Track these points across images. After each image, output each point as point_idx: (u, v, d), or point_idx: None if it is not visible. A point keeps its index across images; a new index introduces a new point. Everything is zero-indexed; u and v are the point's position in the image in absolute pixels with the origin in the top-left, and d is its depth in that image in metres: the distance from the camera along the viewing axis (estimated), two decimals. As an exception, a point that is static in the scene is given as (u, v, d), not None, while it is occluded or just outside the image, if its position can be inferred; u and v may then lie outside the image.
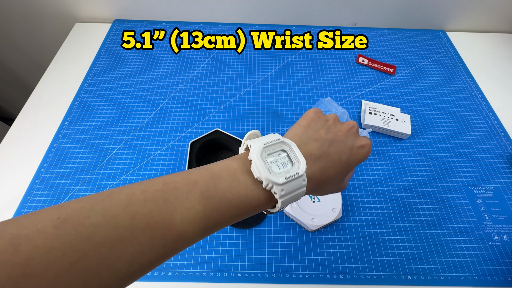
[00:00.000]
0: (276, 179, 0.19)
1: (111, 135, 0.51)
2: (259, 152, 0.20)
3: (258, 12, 0.70)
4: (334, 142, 0.23)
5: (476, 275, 0.39)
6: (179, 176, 0.18)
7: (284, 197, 0.20)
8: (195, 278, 0.38)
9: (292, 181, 0.20)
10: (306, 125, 0.24)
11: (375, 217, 0.43)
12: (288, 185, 0.20)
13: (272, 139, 0.21)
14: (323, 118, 0.25)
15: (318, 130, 0.24)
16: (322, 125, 0.24)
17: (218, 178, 0.19)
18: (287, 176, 0.19)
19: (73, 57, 0.63)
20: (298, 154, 0.21)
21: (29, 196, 0.44)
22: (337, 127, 0.25)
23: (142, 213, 0.15)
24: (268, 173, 0.19)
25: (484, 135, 0.53)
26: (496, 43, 0.70)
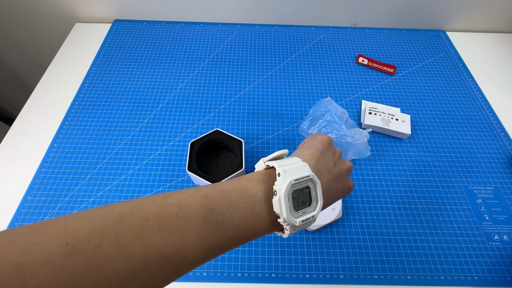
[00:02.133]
0: (294, 221, 0.19)
1: (111, 135, 0.51)
2: (288, 189, 0.19)
3: (258, 12, 0.70)
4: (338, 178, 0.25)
5: (476, 275, 0.39)
6: (195, 199, 0.18)
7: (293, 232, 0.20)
8: (195, 278, 0.38)
9: (305, 223, 0.20)
10: (321, 150, 0.24)
11: (375, 217, 0.43)
12: (301, 226, 0.20)
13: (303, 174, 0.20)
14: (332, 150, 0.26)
15: (329, 161, 0.24)
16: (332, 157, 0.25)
17: (235, 206, 0.18)
18: (304, 219, 0.20)
19: (73, 57, 0.63)
20: (319, 195, 0.21)
21: (29, 196, 0.44)
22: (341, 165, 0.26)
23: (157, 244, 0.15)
24: (289, 212, 0.19)
25: (484, 135, 0.53)
26: (496, 43, 0.70)
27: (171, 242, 0.15)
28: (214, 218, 0.17)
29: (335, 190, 0.24)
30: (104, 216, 0.15)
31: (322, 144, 0.25)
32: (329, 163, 0.24)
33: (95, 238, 0.13)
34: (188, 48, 0.66)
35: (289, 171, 0.20)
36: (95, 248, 0.13)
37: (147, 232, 0.15)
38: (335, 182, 0.24)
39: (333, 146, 0.27)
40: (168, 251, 0.15)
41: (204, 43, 0.67)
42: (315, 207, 0.21)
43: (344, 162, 0.27)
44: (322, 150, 0.24)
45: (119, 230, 0.14)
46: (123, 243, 0.14)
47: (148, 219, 0.15)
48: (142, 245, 0.14)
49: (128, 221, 0.15)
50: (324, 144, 0.25)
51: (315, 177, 0.21)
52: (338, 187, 0.25)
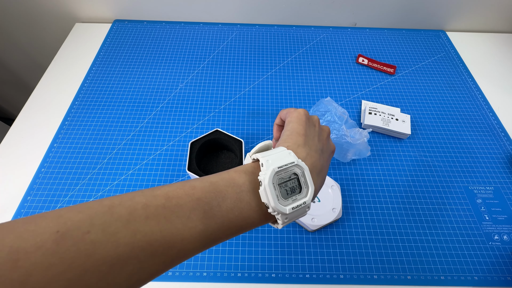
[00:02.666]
0: (283, 209, 0.19)
1: (111, 135, 0.51)
2: (271, 177, 0.19)
3: (258, 12, 0.70)
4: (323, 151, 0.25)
5: (476, 275, 0.39)
6: (182, 190, 0.18)
7: (286, 222, 0.20)
8: (195, 278, 0.38)
9: (297, 210, 0.20)
10: (303, 133, 0.24)
11: (375, 217, 0.43)
12: (293, 214, 0.20)
13: (286, 162, 0.20)
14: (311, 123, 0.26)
15: (313, 138, 0.24)
16: (314, 133, 0.25)
17: (222, 196, 0.18)
18: (294, 206, 0.20)
19: (73, 57, 0.63)
20: (309, 180, 0.21)
21: (29, 196, 0.44)
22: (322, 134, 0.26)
23: (144, 231, 0.15)
24: (276, 201, 0.19)
25: (484, 135, 0.53)
26: (496, 43, 0.70)
27: (157, 230, 0.15)
28: (201, 208, 0.17)
29: (327, 161, 0.25)
30: (94, 207, 0.15)
31: (301, 124, 0.24)
32: (314, 140, 0.24)
33: (84, 226, 0.14)
34: (188, 48, 0.66)
35: (272, 160, 0.20)
36: (84, 234, 0.14)
37: (134, 221, 0.15)
38: (323, 155, 0.24)
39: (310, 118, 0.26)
40: (154, 239, 0.15)
41: (204, 43, 0.67)
42: (306, 193, 0.20)
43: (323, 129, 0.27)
44: (304, 131, 0.24)
45: (107, 219, 0.15)
46: (111, 230, 0.14)
47: (135, 209, 0.16)
48: (129, 232, 0.15)
49: (116, 211, 0.15)
50: (303, 123, 0.25)
51: (301, 162, 0.21)
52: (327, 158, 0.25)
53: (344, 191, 0.46)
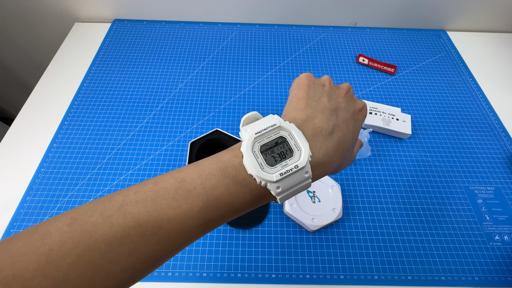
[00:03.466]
0: (268, 176, 0.17)
1: (111, 135, 0.51)
2: (250, 144, 0.18)
3: (258, 12, 0.70)
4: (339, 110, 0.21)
5: (476, 275, 0.39)
6: (170, 174, 0.19)
7: (282, 194, 0.18)
8: (195, 279, 0.38)
9: (289, 176, 0.18)
10: (305, 96, 0.21)
11: (375, 217, 0.43)
12: (285, 181, 0.18)
13: (266, 125, 0.19)
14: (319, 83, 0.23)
15: (320, 99, 0.21)
16: (322, 92, 0.22)
17: (206, 174, 0.18)
18: (283, 172, 0.18)
19: (72, 57, 0.63)
20: (299, 140, 0.18)
21: (29, 196, 0.43)
22: (336, 93, 0.23)
23: (132, 213, 0.17)
24: (259, 169, 0.18)
25: (484, 135, 0.53)
26: (497, 42, 0.70)
27: (145, 211, 0.17)
28: (185, 187, 0.18)
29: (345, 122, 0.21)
30: (103, 198, 0.18)
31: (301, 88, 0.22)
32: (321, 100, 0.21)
33: (90, 211, 0.17)
34: (188, 47, 0.66)
35: (251, 128, 0.19)
36: (88, 218, 0.16)
37: (126, 205, 0.17)
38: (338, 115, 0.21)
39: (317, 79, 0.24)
40: (142, 219, 0.17)
41: (204, 42, 0.67)
42: (298, 156, 0.18)
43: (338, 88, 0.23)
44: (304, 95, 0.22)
45: (106, 205, 0.17)
46: (107, 214, 0.17)
47: (128, 195, 0.18)
48: (121, 215, 0.17)
49: (114, 198, 0.17)
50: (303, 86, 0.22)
51: (286, 123, 0.19)
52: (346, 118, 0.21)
53: (345, 191, 0.46)
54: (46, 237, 0.16)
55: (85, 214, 0.17)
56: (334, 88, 0.23)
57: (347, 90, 0.23)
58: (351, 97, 0.23)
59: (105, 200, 0.17)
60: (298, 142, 0.18)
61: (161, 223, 0.17)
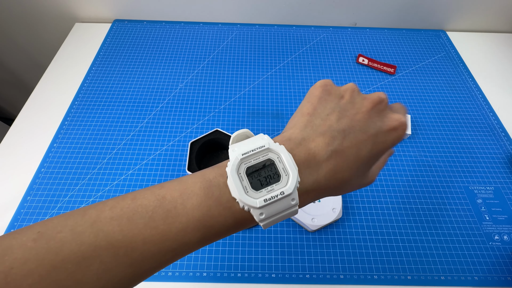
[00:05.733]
0: (251, 201, 0.16)
1: (111, 135, 0.51)
2: (236, 165, 0.17)
3: (258, 12, 0.70)
4: (351, 131, 0.18)
5: (476, 275, 0.39)
6: (150, 190, 0.17)
7: (266, 220, 0.17)
8: (194, 278, 0.38)
9: (274, 203, 0.17)
10: (311, 112, 0.19)
11: (375, 217, 0.43)
12: (270, 208, 0.17)
13: (254, 146, 0.18)
14: (336, 94, 0.20)
15: (328, 116, 0.18)
16: (334, 107, 0.19)
17: (188, 193, 0.17)
18: (268, 198, 0.16)
19: (73, 57, 0.63)
20: (288, 164, 0.17)
21: (29, 196, 0.44)
22: (356, 107, 0.19)
23: (106, 232, 0.15)
24: (243, 193, 0.16)
25: (484, 135, 0.53)
26: (497, 43, 0.70)
27: (119, 230, 0.15)
28: (164, 206, 0.16)
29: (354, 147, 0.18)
30: (77, 210, 0.16)
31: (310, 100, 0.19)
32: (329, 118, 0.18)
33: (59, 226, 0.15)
34: (188, 48, 0.66)
35: (239, 147, 0.18)
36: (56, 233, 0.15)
37: (100, 221, 0.16)
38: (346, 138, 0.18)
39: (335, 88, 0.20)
40: (116, 239, 0.15)
41: (204, 43, 0.67)
42: (285, 181, 0.17)
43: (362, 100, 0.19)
44: (310, 110, 0.19)
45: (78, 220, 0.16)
46: (78, 230, 0.15)
47: (103, 210, 0.16)
48: (93, 232, 0.15)
49: (88, 213, 0.16)
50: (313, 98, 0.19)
51: (276, 145, 0.17)
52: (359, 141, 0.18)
53: (344, 191, 0.46)
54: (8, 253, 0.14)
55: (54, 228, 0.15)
56: (358, 100, 0.19)
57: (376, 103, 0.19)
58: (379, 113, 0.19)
59: (78, 214, 0.16)
60: (287, 166, 0.17)
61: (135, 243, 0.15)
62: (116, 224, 0.16)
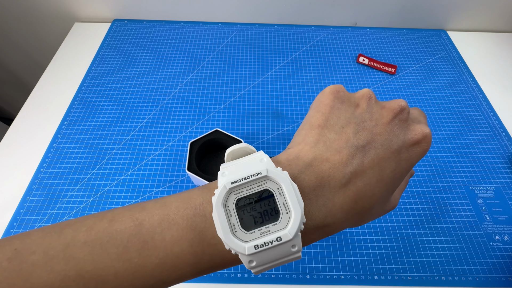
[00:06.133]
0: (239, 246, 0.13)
1: (111, 135, 0.51)
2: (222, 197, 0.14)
3: (258, 11, 0.70)
4: (371, 147, 0.15)
5: (477, 276, 0.39)
6: (129, 212, 0.15)
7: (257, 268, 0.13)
8: (195, 279, 0.38)
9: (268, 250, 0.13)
10: (322, 123, 0.15)
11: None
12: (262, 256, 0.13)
13: (248, 173, 0.14)
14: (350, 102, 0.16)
15: (343, 128, 0.15)
16: (349, 118, 0.15)
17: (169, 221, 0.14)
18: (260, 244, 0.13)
19: (72, 56, 0.63)
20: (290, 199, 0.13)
21: (28, 197, 0.43)
22: (375, 117, 0.16)
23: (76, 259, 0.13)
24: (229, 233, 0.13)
25: (485, 135, 0.53)
26: (498, 42, 0.70)
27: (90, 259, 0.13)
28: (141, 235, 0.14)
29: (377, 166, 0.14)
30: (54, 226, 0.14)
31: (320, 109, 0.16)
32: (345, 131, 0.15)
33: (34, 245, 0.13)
34: (188, 47, 0.65)
35: (230, 171, 0.15)
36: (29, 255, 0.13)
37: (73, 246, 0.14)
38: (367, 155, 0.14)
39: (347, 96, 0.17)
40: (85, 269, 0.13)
41: (204, 42, 0.67)
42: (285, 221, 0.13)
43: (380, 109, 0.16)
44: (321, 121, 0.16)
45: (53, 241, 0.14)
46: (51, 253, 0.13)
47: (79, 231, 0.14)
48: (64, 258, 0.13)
49: (64, 232, 0.14)
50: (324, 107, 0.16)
51: (276, 171, 0.14)
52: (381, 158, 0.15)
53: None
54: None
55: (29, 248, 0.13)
56: (375, 109, 0.16)
57: (397, 112, 0.16)
58: (402, 123, 0.16)
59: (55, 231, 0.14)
60: (289, 201, 0.13)
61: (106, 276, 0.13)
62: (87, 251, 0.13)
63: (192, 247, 0.14)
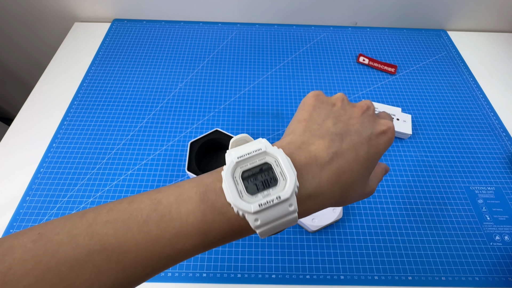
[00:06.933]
0: (246, 206, 0.16)
1: (110, 135, 0.51)
2: (230, 169, 0.17)
3: (258, 11, 0.70)
4: (347, 134, 0.19)
5: (477, 276, 0.39)
6: (147, 194, 0.17)
7: (262, 228, 0.16)
8: (194, 279, 0.38)
9: (270, 208, 0.16)
10: (307, 118, 0.20)
11: (376, 218, 0.43)
12: (265, 214, 0.16)
13: (250, 149, 0.17)
14: (328, 103, 0.21)
15: (324, 121, 0.19)
16: (328, 114, 0.20)
17: (184, 198, 0.16)
18: (263, 203, 0.16)
19: (72, 56, 0.63)
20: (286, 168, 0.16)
21: (28, 197, 0.43)
22: (348, 113, 0.20)
23: (100, 235, 0.15)
24: (237, 198, 0.16)
25: (485, 135, 0.53)
26: (498, 42, 0.70)
27: (113, 234, 0.15)
28: (159, 211, 0.16)
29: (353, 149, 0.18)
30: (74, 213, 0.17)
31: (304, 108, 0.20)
32: (325, 123, 0.19)
33: (57, 228, 0.16)
34: (187, 47, 0.65)
35: (235, 151, 0.17)
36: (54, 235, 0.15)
37: (96, 224, 0.16)
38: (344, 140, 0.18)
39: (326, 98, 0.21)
40: (109, 242, 0.15)
41: (203, 42, 0.67)
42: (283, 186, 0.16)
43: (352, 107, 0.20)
44: (306, 116, 0.20)
45: (76, 222, 0.16)
46: (75, 232, 0.15)
47: (100, 213, 0.16)
48: (88, 235, 0.15)
49: (86, 215, 0.16)
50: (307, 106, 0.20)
51: (273, 148, 0.17)
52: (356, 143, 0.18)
53: (345, 191, 0.46)
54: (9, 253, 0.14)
55: (53, 230, 0.15)
56: (348, 107, 0.21)
57: (365, 109, 0.20)
58: (370, 117, 0.20)
59: (76, 216, 0.16)
60: (284, 170, 0.16)
61: (128, 248, 0.15)
62: (110, 227, 0.16)
63: (205, 216, 0.16)
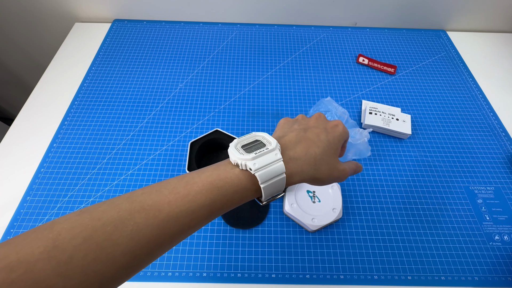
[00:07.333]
0: (246, 156, 0.22)
1: (111, 135, 0.51)
2: (233, 144, 0.24)
3: (258, 11, 0.70)
4: (308, 128, 0.27)
5: (476, 275, 0.39)
6: (176, 177, 0.23)
7: (260, 170, 0.22)
8: (195, 279, 0.38)
9: (263, 155, 0.22)
10: (280, 128, 0.28)
11: (375, 217, 0.43)
12: (260, 159, 0.22)
13: (246, 136, 0.25)
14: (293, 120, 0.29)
15: (291, 126, 0.27)
16: (294, 123, 0.28)
17: (203, 170, 0.23)
18: (257, 152, 0.22)
19: (72, 57, 0.63)
20: (270, 138, 0.24)
21: (29, 196, 0.43)
22: (306, 120, 0.28)
23: (138, 201, 0.20)
24: (239, 155, 0.22)
25: (484, 135, 0.53)
26: (497, 43, 0.70)
27: (149, 198, 0.20)
28: (185, 180, 0.22)
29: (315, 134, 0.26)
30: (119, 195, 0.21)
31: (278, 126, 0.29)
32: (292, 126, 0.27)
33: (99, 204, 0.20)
34: (188, 47, 0.66)
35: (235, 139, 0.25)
36: (97, 207, 0.19)
37: (134, 196, 0.20)
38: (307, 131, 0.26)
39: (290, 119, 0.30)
40: (147, 204, 0.20)
41: (204, 42, 0.67)
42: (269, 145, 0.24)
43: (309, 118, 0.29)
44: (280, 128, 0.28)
45: (115, 198, 0.20)
46: (116, 203, 0.20)
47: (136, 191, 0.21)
48: (128, 202, 0.20)
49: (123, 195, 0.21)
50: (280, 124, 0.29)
51: (260, 132, 0.26)
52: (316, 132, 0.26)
53: (345, 191, 0.46)
54: (55, 225, 0.18)
55: (95, 206, 0.19)
56: (306, 118, 0.29)
57: (317, 116, 0.29)
58: (322, 119, 0.28)
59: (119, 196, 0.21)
60: (269, 139, 0.24)
61: (162, 206, 0.20)
62: (147, 195, 0.20)
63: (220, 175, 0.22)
